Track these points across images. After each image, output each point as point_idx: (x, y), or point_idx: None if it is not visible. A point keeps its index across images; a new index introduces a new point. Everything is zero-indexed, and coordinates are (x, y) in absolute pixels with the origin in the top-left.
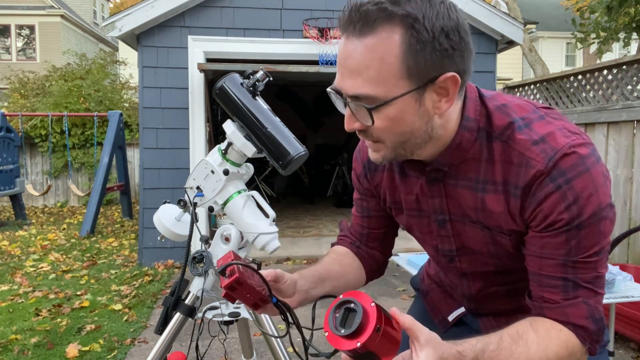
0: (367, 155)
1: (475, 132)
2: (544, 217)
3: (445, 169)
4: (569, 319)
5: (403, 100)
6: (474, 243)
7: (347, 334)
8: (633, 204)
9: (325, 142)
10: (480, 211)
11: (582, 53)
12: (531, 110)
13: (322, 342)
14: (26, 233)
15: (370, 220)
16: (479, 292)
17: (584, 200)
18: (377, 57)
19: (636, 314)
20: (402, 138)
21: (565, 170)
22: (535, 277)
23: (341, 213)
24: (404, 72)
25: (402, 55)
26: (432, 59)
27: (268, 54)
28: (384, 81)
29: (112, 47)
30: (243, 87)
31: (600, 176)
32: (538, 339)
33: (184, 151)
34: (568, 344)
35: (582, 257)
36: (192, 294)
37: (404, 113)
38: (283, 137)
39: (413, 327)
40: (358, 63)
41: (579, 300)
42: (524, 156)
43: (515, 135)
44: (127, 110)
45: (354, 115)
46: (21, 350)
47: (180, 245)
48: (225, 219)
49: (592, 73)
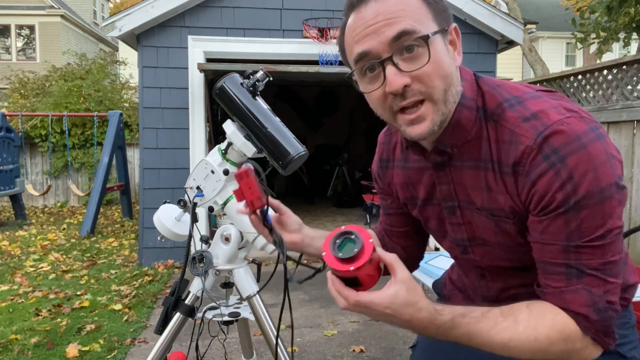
0: (379, 154)
1: (475, 111)
2: (539, 198)
3: (448, 150)
4: (567, 305)
5: (438, 38)
6: (483, 232)
7: (344, 257)
8: (633, 204)
9: (325, 142)
10: (485, 191)
11: (582, 53)
12: (528, 91)
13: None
14: (26, 233)
15: (390, 218)
16: (499, 294)
17: (578, 178)
18: (408, 5)
19: (636, 314)
20: (445, 83)
21: (558, 147)
22: (540, 264)
23: (341, 213)
24: (432, 15)
25: (424, 3)
26: (441, 9)
27: (268, 54)
28: (422, 20)
29: (112, 47)
30: (243, 87)
31: (600, 154)
32: (529, 318)
33: (184, 151)
34: (564, 328)
35: (585, 242)
36: (192, 294)
37: (442, 53)
38: (283, 137)
39: (394, 263)
40: (394, 11)
41: (580, 287)
42: (514, 133)
43: (505, 113)
44: (127, 110)
45: (399, 71)
46: (21, 350)
47: (180, 245)
48: (225, 219)
49: (592, 73)
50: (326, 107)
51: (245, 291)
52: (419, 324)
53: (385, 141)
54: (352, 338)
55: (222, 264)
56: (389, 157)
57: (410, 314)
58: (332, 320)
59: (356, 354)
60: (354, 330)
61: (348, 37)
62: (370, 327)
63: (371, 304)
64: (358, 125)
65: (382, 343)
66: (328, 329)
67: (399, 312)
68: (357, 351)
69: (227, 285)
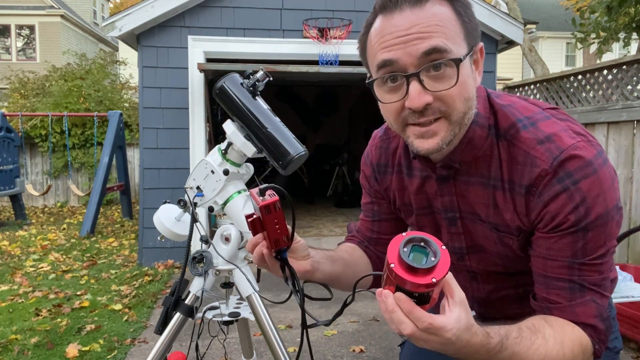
0: (376, 159)
1: (487, 129)
2: (551, 218)
3: (456, 166)
4: (578, 318)
5: (467, 62)
6: (484, 241)
7: (426, 267)
8: (633, 204)
9: (325, 142)
10: (492, 208)
11: (582, 53)
12: (537, 110)
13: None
14: (26, 233)
15: (380, 225)
16: (489, 294)
17: (591, 202)
18: (444, 18)
19: (636, 314)
20: (466, 106)
21: (573, 172)
22: (540, 278)
23: (341, 213)
24: (464, 35)
25: (458, 21)
26: (472, 28)
27: (268, 54)
28: (455, 39)
29: (112, 47)
30: (243, 87)
31: (607, 178)
32: (554, 334)
33: (184, 151)
34: (582, 340)
35: (589, 260)
36: (192, 294)
37: (467, 76)
38: (283, 137)
39: (450, 281)
40: (429, 25)
41: (588, 299)
42: (529, 155)
43: (520, 134)
44: (127, 110)
45: (424, 88)
46: (21, 350)
47: (180, 245)
48: (225, 219)
49: (592, 73)
50: (326, 107)
51: (245, 291)
52: (470, 349)
53: (383, 145)
54: (352, 338)
55: (222, 264)
56: (387, 162)
57: (467, 340)
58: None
59: (356, 354)
60: (354, 330)
61: (374, 40)
62: (370, 327)
63: (442, 329)
64: (358, 125)
65: (382, 343)
66: (328, 329)
67: (460, 337)
68: (357, 351)
69: (227, 285)
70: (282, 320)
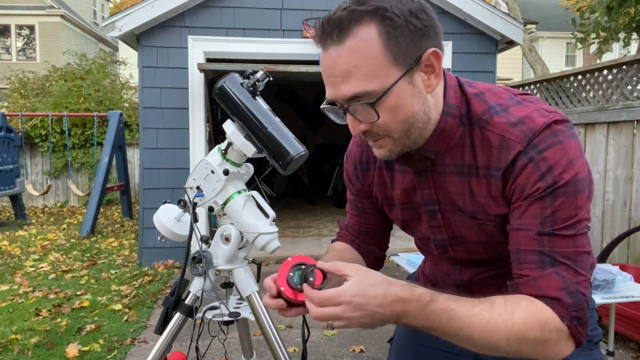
0: (358, 157)
1: (458, 118)
2: (520, 190)
3: (432, 157)
4: (542, 291)
5: (398, 86)
6: (464, 231)
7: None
8: (633, 204)
9: (325, 142)
10: (468, 196)
11: (582, 53)
12: (508, 97)
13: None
14: (26, 233)
15: (366, 218)
16: (470, 278)
17: (557, 170)
18: (363, 55)
19: (636, 314)
20: (406, 124)
21: (537, 143)
22: (514, 255)
23: (341, 213)
24: (391, 60)
25: (384, 46)
26: (411, 40)
27: (268, 54)
28: (376, 74)
29: (112, 47)
30: (243, 87)
31: (574, 148)
32: (505, 303)
33: (184, 151)
34: (540, 314)
35: (557, 229)
36: (192, 294)
37: (402, 99)
38: (283, 137)
39: (337, 265)
40: (347, 66)
41: (552, 271)
42: (504, 138)
43: (493, 119)
44: (127, 110)
45: (356, 119)
46: (21, 350)
47: (180, 245)
48: (225, 219)
49: (592, 73)
50: None
51: (245, 291)
52: (397, 300)
53: (363, 143)
54: (352, 338)
55: (222, 264)
56: (368, 159)
57: (383, 293)
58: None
59: (356, 354)
60: (354, 330)
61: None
62: None
63: (337, 295)
64: None
65: (382, 343)
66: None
67: (370, 293)
68: (357, 351)
69: (227, 285)
70: (282, 321)
